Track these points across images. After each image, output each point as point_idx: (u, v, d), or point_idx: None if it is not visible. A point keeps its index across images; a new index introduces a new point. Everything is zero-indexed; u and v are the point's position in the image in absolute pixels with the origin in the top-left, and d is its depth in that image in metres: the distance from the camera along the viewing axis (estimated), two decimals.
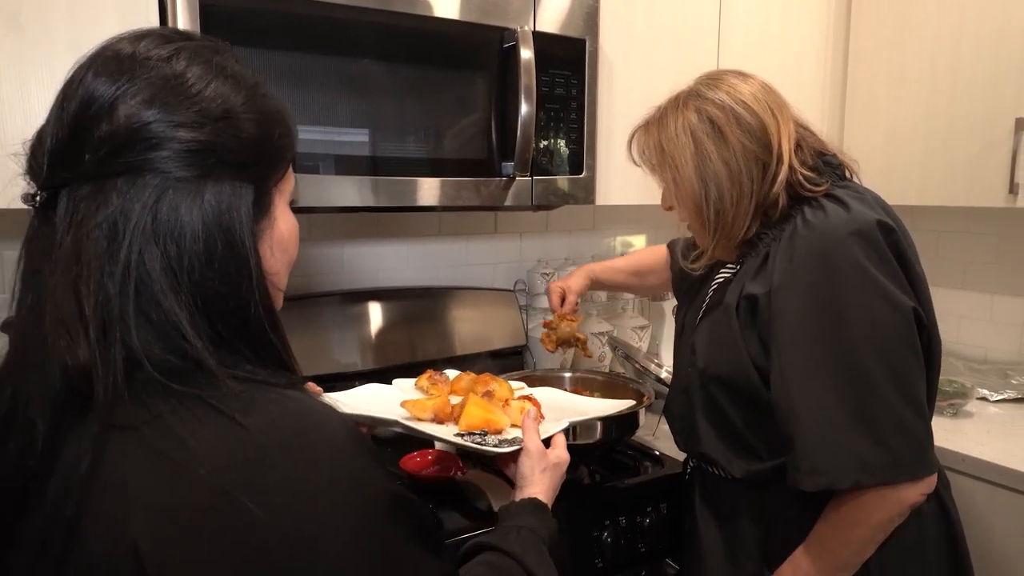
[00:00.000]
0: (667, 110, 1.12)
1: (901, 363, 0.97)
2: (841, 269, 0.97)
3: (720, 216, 1.07)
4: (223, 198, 0.59)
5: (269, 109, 0.64)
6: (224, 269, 0.58)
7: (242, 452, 0.53)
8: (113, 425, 0.54)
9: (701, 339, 1.15)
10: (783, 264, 1.02)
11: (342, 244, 1.77)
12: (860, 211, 1.00)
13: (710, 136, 1.06)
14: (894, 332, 0.97)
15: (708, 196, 1.06)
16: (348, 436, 0.59)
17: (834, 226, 0.99)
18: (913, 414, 0.96)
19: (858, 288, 0.96)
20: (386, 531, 0.59)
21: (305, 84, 1.24)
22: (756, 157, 1.05)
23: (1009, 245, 2.10)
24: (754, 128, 1.05)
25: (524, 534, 0.82)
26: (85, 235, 0.55)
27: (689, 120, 1.07)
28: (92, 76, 0.57)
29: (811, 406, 0.98)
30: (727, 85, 1.08)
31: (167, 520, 0.51)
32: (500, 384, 1.17)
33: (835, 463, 0.96)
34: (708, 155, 1.05)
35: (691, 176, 1.07)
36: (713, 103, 1.07)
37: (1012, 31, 1.71)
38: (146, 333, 0.55)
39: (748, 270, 1.09)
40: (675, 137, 1.08)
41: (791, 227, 1.04)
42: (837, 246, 0.98)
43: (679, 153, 1.08)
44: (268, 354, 0.62)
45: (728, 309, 1.09)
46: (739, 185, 1.05)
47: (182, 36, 0.63)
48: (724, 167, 1.05)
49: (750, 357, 1.06)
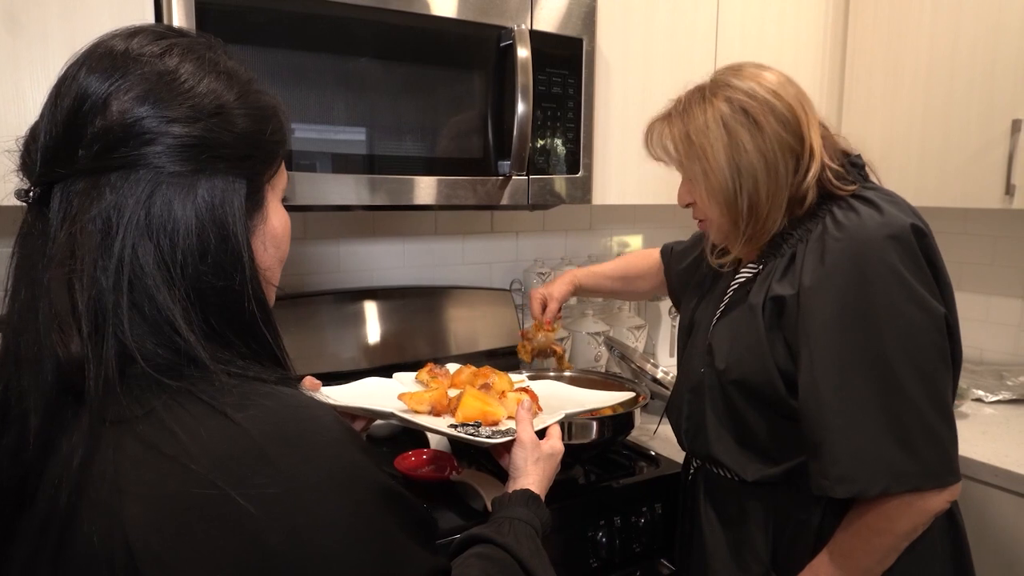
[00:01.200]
0: (691, 101, 1.07)
1: (932, 370, 0.95)
2: (877, 273, 0.95)
3: (753, 210, 1.03)
4: (216, 193, 0.59)
5: (263, 104, 0.64)
6: (218, 263, 0.59)
7: (234, 447, 0.53)
8: (106, 419, 0.54)
9: (721, 340, 1.12)
10: (814, 265, 0.99)
11: (338, 242, 1.77)
12: (894, 215, 0.98)
13: (744, 126, 1.02)
14: (927, 338, 0.95)
15: (742, 188, 1.02)
16: (341, 431, 0.59)
17: (869, 229, 0.97)
18: (941, 421, 0.95)
19: (893, 293, 0.94)
20: (381, 523, 0.59)
21: (302, 82, 1.24)
22: (791, 148, 1.02)
23: (1005, 246, 2.11)
24: (788, 119, 1.02)
25: (517, 525, 0.82)
26: (79, 230, 0.56)
27: (720, 110, 1.03)
28: (85, 73, 0.58)
29: (843, 412, 0.95)
30: (756, 76, 1.05)
31: (158, 513, 0.52)
32: (500, 377, 1.17)
33: (865, 470, 0.94)
34: (743, 145, 1.01)
35: (723, 168, 1.03)
36: (744, 92, 1.03)
37: (1008, 33, 1.72)
38: (139, 328, 0.56)
39: (774, 270, 1.06)
40: (705, 128, 1.04)
41: (819, 227, 1.01)
42: (872, 249, 0.95)
43: (711, 144, 1.03)
44: (261, 349, 0.62)
45: (754, 310, 1.06)
46: (775, 177, 1.02)
47: (175, 33, 0.63)
48: (760, 158, 1.01)
49: (774, 360, 1.03)
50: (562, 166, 1.54)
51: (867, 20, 2.01)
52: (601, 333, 1.97)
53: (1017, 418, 1.78)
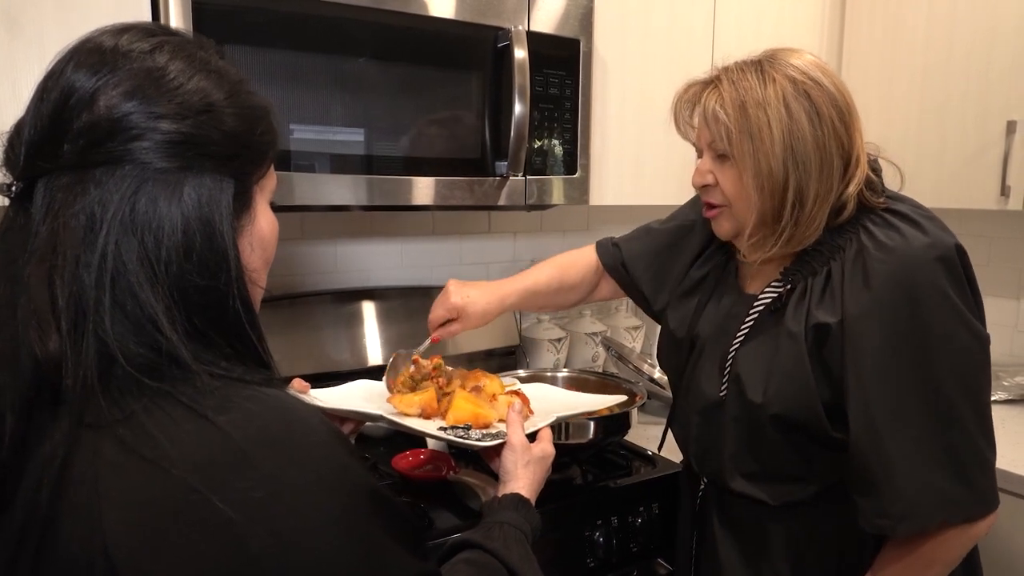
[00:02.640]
0: (744, 71, 0.95)
1: (982, 395, 0.92)
2: (928, 298, 0.89)
3: (800, 206, 0.93)
4: (203, 191, 0.58)
5: (252, 105, 0.64)
6: (203, 262, 0.58)
7: (215, 451, 0.53)
8: (85, 422, 0.53)
9: (751, 369, 1.01)
10: (858, 290, 0.92)
11: (335, 243, 1.77)
12: (938, 234, 0.92)
13: (806, 111, 0.91)
14: (976, 364, 0.92)
15: (791, 179, 0.92)
16: (327, 433, 0.58)
17: (916, 250, 0.91)
18: (987, 447, 0.92)
19: (944, 318, 0.89)
20: (367, 527, 0.58)
21: (299, 83, 1.24)
22: (842, 147, 0.93)
23: (1001, 247, 2.11)
24: (844, 109, 0.93)
25: (507, 530, 0.81)
26: (62, 225, 0.55)
27: (784, 87, 0.92)
28: (73, 68, 0.57)
29: (901, 447, 0.90)
30: (811, 61, 0.94)
31: (138, 519, 0.51)
32: (490, 380, 1.16)
33: (926, 505, 0.90)
34: (802, 133, 0.91)
35: (779, 153, 0.92)
36: (808, 76, 0.92)
37: (1003, 36, 1.72)
38: (120, 326, 0.55)
39: (809, 291, 0.97)
40: (765, 102, 0.92)
41: (854, 244, 0.94)
42: (922, 273, 0.90)
43: (769, 121, 0.91)
44: (245, 350, 0.61)
45: (794, 338, 0.96)
46: (828, 175, 0.93)
47: (165, 31, 0.62)
48: (816, 150, 0.91)
49: (819, 392, 0.95)
50: (559, 167, 1.54)
51: (863, 23, 2.02)
52: (598, 333, 1.97)
53: (1013, 419, 1.78)
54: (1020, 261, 2.09)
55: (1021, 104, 1.70)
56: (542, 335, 1.91)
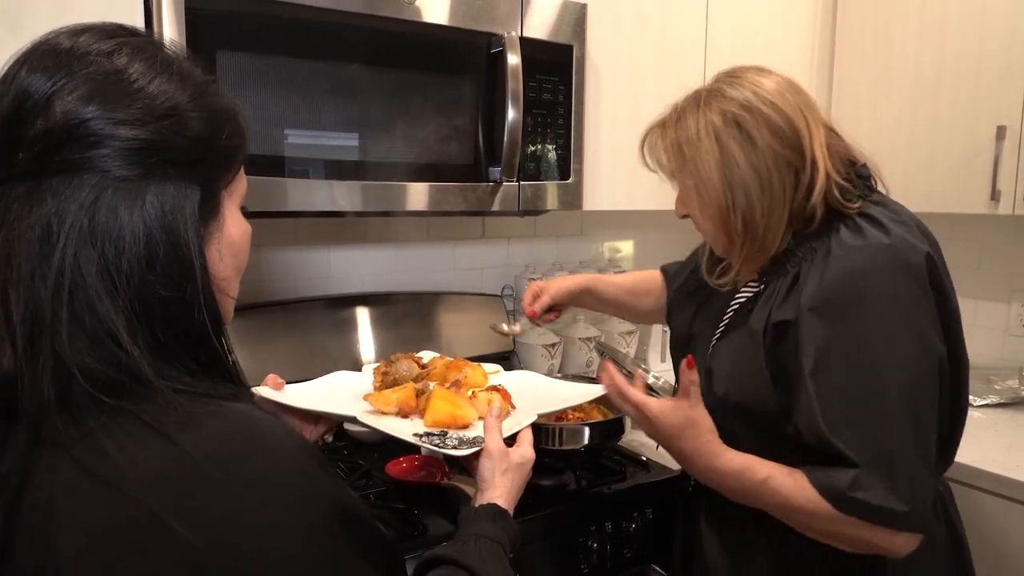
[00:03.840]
0: (685, 109, 1.03)
1: (923, 413, 0.92)
2: (878, 299, 0.90)
3: (749, 227, 0.99)
4: (167, 199, 0.56)
5: (219, 107, 0.61)
6: (166, 272, 0.55)
7: (174, 471, 0.51)
8: (40, 440, 0.51)
9: (721, 364, 1.06)
10: (812, 285, 0.95)
11: (329, 248, 1.77)
12: (902, 238, 0.93)
13: (737, 140, 0.97)
14: (922, 377, 0.91)
15: (735, 205, 0.98)
16: (295, 448, 0.57)
17: (874, 252, 0.92)
18: (925, 466, 0.92)
19: (892, 323, 0.90)
20: (335, 548, 0.56)
21: (293, 88, 1.24)
22: (788, 162, 0.97)
23: (991, 251, 2.13)
24: (784, 130, 0.97)
25: (483, 544, 0.77)
26: (17, 237, 0.52)
27: (712, 122, 0.98)
28: (27, 71, 0.54)
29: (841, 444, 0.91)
30: (752, 84, 1.00)
31: (91, 543, 0.49)
32: (473, 369, 1.12)
33: (858, 494, 0.90)
34: (735, 161, 0.97)
35: (716, 184, 0.98)
36: (739, 103, 0.98)
37: (993, 40, 1.74)
38: (79, 341, 0.52)
39: (776, 291, 1.01)
40: (697, 141, 0.99)
41: (824, 247, 0.97)
42: (875, 276, 0.91)
43: (702, 159, 0.99)
44: (212, 363, 0.59)
45: (755, 336, 1.01)
46: (770, 193, 0.97)
47: (126, 32, 0.60)
48: (753, 174, 0.97)
49: (776, 387, 0.98)
50: (553, 172, 1.54)
51: (854, 28, 2.03)
52: (592, 339, 1.97)
53: (1004, 422, 1.79)
54: (1011, 265, 2.10)
55: (1011, 109, 1.71)
56: (536, 340, 1.91)
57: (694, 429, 1.00)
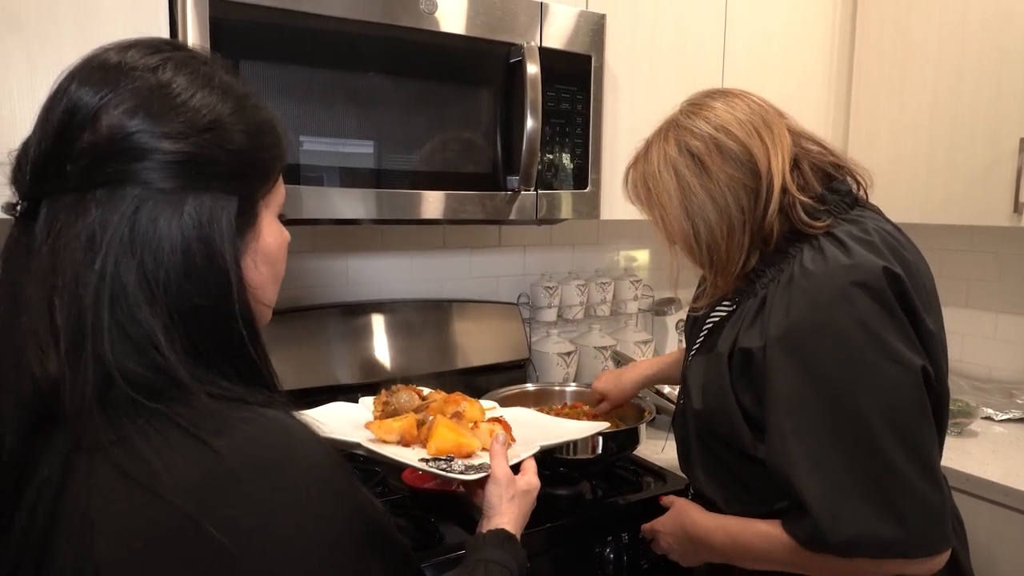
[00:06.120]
0: (651, 143, 1.07)
1: (913, 429, 0.89)
2: (841, 326, 0.89)
3: (712, 252, 1.00)
4: (204, 210, 0.58)
5: (259, 119, 0.63)
6: (203, 282, 0.57)
7: (209, 475, 0.52)
8: (81, 445, 0.53)
9: (695, 378, 1.08)
10: (779, 316, 0.94)
11: (346, 256, 1.78)
12: (863, 257, 0.90)
13: (691, 169, 1.00)
14: (903, 396, 0.89)
15: (697, 232, 1.00)
16: (325, 457, 0.57)
17: (833, 274, 0.90)
18: (927, 484, 0.89)
19: (861, 348, 0.88)
20: (358, 560, 0.57)
21: (312, 97, 1.25)
22: (744, 185, 0.98)
23: (1013, 263, 2.10)
24: (738, 155, 0.98)
25: (492, 569, 0.77)
26: (62, 245, 0.54)
27: (669, 154, 1.02)
28: (77, 85, 0.57)
29: (818, 480, 0.89)
30: (707, 110, 1.03)
31: (128, 546, 0.50)
32: (471, 404, 1.12)
33: (844, 535, 0.88)
34: (692, 190, 1.00)
35: (677, 213, 1.01)
36: (692, 133, 1.01)
37: (1015, 51, 1.72)
38: (120, 346, 0.54)
39: (744, 315, 1.01)
40: (657, 173, 1.03)
41: (789, 269, 0.96)
42: (836, 300, 0.89)
43: (663, 190, 1.03)
44: (247, 370, 0.60)
45: (720, 359, 1.01)
46: (727, 218, 0.98)
47: (171, 47, 0.62)
48: (709, 200, 0.99)
49: (742, 410, 0.99)
50: (570, 181, 1.54)
51: (873, 38, 2.02)
52: (608, 347, 1.97)
53: None
54: None
55: None
56: (551, 349, 1.91)
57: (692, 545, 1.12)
